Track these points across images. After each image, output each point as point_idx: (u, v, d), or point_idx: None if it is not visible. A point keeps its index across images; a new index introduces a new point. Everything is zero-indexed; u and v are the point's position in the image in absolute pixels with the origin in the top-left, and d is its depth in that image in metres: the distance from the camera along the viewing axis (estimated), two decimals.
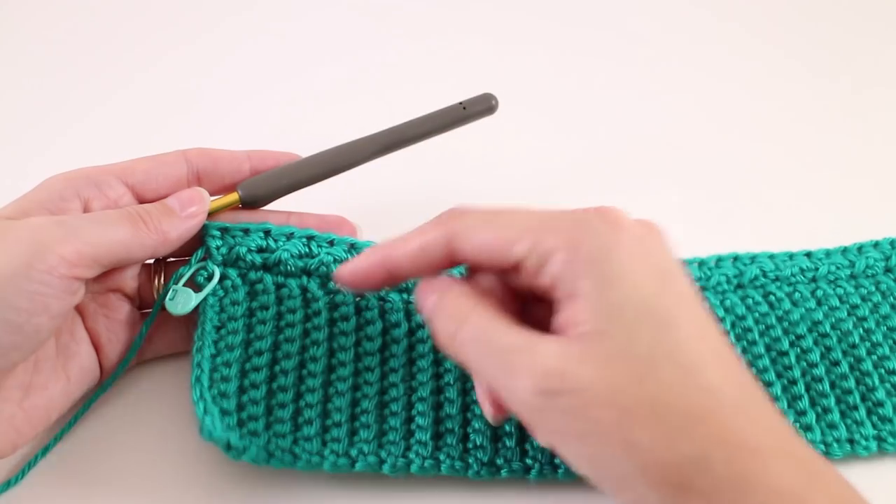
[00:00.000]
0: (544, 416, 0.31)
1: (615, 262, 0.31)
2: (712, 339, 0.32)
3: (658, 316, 0.31)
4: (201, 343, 0.39)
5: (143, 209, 0.39)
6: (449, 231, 0.34)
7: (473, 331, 0.32)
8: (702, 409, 0.29)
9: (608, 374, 0.29)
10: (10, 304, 0.34)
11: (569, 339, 0.31)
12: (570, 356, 0.30)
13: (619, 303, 0.30)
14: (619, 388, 0.29)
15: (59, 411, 0.39)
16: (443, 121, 0.45)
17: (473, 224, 0.34)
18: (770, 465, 0.29)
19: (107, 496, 0.38)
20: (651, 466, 0.29)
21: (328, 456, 0.37)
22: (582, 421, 0.30)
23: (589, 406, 0.29)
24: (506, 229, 0.33)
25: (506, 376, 0.31)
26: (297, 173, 0.43)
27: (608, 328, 0.30)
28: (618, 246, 0.31)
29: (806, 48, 0.66)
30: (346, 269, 0.37)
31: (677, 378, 0.30)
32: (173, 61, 0.63)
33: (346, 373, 0.40)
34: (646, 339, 0.30)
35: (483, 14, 0.69)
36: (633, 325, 0.30)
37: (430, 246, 0.35)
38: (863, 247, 0.46)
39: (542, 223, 0.33)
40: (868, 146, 0.57)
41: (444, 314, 0.34)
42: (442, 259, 0.35)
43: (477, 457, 0.38)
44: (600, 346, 0.30)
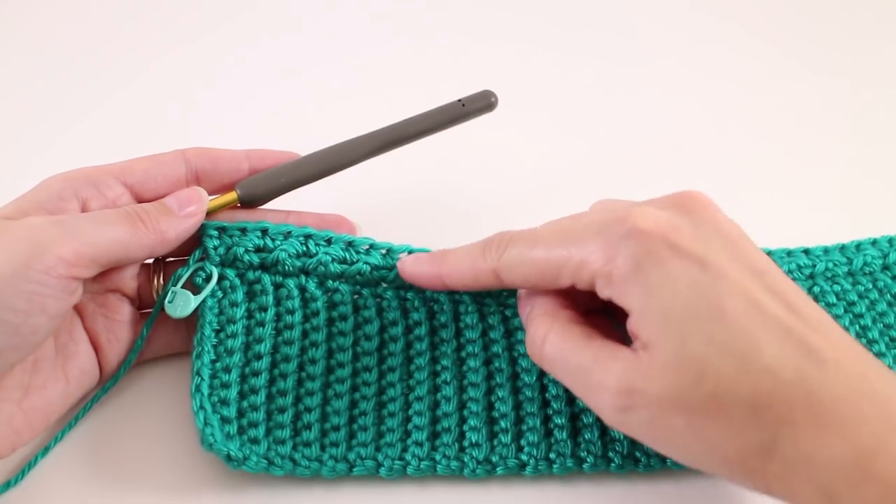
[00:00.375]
0: (629, 427, 0.33)
1: (649, 273, 0.32)
2: (764, 312, 0.31)
3: (705, 311, 0.31)
4: (200, 349, 0.39)
5: (141, 209, 0.39)
6: (495, 267, 0.37)
7: (554, 347, 0.35)
8: (762, 395, 0.30)
9: (669, 381, 0.31)
10: (7, 305, 0.34)
11: (634, 354, 0.32)
12: (634, 372, 0.32)
13: (663, 311, 0.31)
14: (682, 394, 0.31)
15: (59, 412, 0.39)
16: (442, 118, 0.45)
17: (515, 265, 0.36)
18: (834, 435, 0.29)
19: (107, 496, 0.38)
20: (729, 458, 0.31)
21: (327, 461, 0.38)
22: (660, 430, 0.32)
23: (661, 415, 0.31)
24: (545, 266, 0.35)
25: (587, 394, 0.34)
26: (296, 172, 0.43)
27: (660, 337, 0.31)
28: (648, 255, 0.32)
29: (805, 48, 0.66)
30: (408, 268, 0.41)
31: (734, 369, 0.30)
32: (172, 62, 0.63)
33: (345, 374, 0.40)
34: (697, 339, 0.31)
35: (482, 12, 0.69)
36: (682, 329, 0.31)
37: (480, 277, 0.38)
38: (861, 244, 0.46)
39: (575, 249, 0.34)
40: (866, 145, 0.57)
41: (533, 327, 0.36)
42: (495, 286, 0.38)
43: (473, 455, 0.38)
44: (657, 357, 0.31)
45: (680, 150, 0.57)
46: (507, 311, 0.43)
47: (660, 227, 0.33)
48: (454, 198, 0.52)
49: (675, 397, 0.31)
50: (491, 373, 0.41)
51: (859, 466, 0.29)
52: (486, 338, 0.42)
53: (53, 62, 0.63)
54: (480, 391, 0.40)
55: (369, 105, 0.58)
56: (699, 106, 0.61)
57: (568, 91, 0.62)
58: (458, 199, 0.52)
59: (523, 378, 0.41)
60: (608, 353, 0.33)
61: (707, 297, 0.31)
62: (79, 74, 0.62)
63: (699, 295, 0.31)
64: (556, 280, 0.35)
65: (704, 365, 0.30)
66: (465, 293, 0.43)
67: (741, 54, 0.65)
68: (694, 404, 0.30)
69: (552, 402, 0.40)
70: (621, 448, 0.38)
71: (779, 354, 0.30)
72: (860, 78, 0.63)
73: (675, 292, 0.31)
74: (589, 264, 0.33)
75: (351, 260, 0.42)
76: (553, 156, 0.56)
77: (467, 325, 0.42)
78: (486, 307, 0.43)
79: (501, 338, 0.42)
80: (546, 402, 0.40)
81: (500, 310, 0.43)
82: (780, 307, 0.32)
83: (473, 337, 0.42)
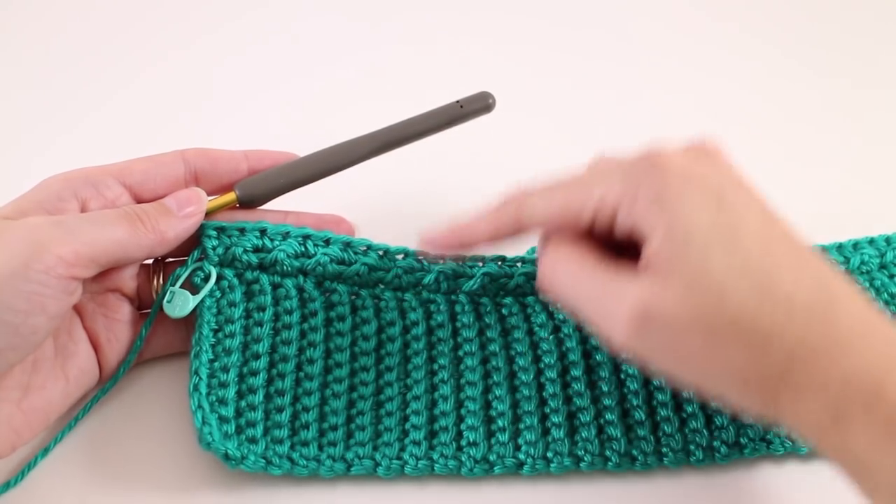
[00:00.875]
0: (642, 350, 0.33)
1: (671, 200, 0.33)
2: (781, 243, 0.33)
3: (724, 237, 0.32)
4: (199, 348, 0.39)
5: (140, 209, 0.39)
6: (517, 218, 0.38)
7: (567, 277, 0.36)
8: (779, 320, 0.31)
9: (689, 303, 0.31)
10: (6, 305, 0.34)
11: (650, 277, 0.33)
12: (652, 293, 0.32)
13: (685, 234, 0.32)
14: (701, 315, 0.31)
15: (58, 412, 0.39)
16: (440, 119, 0.45)
17: (536, 208, 0.37)
18: (848, 358, 0.30)
19: (106, 496, 0.38)
20: (745, 380, 0.31)
21: (325, 461, 0.38)
22: (676, 350, 0.32)
23: (678, 336, 0.32)
24: (568, 202, 0.36)
25: (601, 318, 0.34)
26: (295, 172, 0.43)
27: (680, 259, 0.32)
28: (670, 184, 0.33)
29: (805, 48, 0.66)
30: (429, 245, 0.41)
31: (752, 294, 0.31)
32: (172, 62, 0.63)
33: (343, 373, 0.40)
34: (716, 262, 0.31)
35: (480, 14, 0.69)
36: (702, 253, 0.32)
37: (502, 230, 0.38)
38: (858, 243, 0.46)
39: (597, 184, 0.35)
40: (864, 145, 0.57)
41: (543, 263, 0.37)
42: (516, 235, 0.38)
43: (470, 454, 0.38)
44: (677, 278, 0.32)
45: None
46: (503, 310, 0.43)
47: (680, 162, 0.34)
48: (452, 199, 0.52)
49: (695, 319, 0.31)
50: (488, 372, 0.41)
51: (871, 389, 0.29)
52: (482, 337, 0.42)
53: (53, 63, 0.63)
54: (478, 390, 0.40)
55: (368, 106, 0.58)
56: (698, 106, 0.61)
57: (566, 92, 0.62)
58: (457, 200, 0.52)
59: (520, 377, 0.41)
60: (625, 278, 0.33)
61: (726, 226, 0.32)
62: (79, 75, 0.62)
63: (718, 224, 0.32)
64: (578, 214, 0.35)
65: (724, 288, 0.31)
66: (462, 293, 0.43)
67: (741, 55, 0.65)
68: (713, 326, 0.31)
69: (549, 401, 0.40)
70: (618, 447, 0.39)
71: (795, 284, 0.31)
72: (860, 77, 0.63)
73: (696, 220, 0.32)
74: (613, 195, 0.34)
75: (349, 260, 0.43)
76: (551, 157, 0.56)
77: (464, 324, 0.42)
78: (482, 306, 0.43)
79: (498, 336, 0.42)
80: (543, 400, 0.40)
81: (497, 309, 0.43)
82: (793, 245, 0.33)
83: (470, 336, 0.42)
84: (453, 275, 0.43)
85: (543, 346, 0.42)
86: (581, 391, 0.40)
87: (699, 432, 0.39)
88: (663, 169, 0.34)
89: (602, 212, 0.35)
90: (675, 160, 0.34)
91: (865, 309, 0.32)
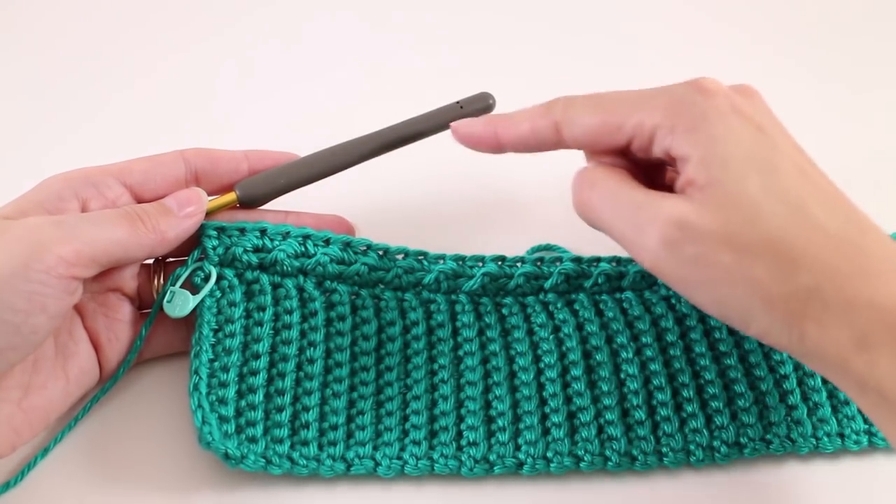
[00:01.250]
0: (671, 266, 0.34)
1: (713, 123, 0.34)
2: (814, 179, 0.34)
3: (761, 163, 0.33)
4: (199, 348, 0.40)
5: (140, 209, 0.39)
6: (556, 121, 0.38)
7: (605, 191, 0.36)
8: (811, 243, 0.32)
9: (724, 219, 0.32)
10: (7, 305, 0.34)
11: (687, 194, 0.34)
12: (689, 208, 0.33)
13: (724, 156, 0.33)
14: (735, 232, 0.32)
15: (59, 412, 0.39)
16: (440, 120, 0.45)
17: (579, 114, 0.37)
18: (877, 285, 0.32)
19: (106, 496, 0.38)
20: (772, 299, 0.32)
21: (325, 460, 0.38)
22: (705, 265, 0.33)
23: (710, 251, 0.32)
24: (609, 115, 0.36)
25: (633, 231, 0.34)
26: (295, 173, 0.43)
27: (718, 178, 0.33)
28: (714, 109, 0.34)
29: (805, 47, 0.66)
30: (462, 128, 0.41)
31: (786, 217, 0.32)
32: (173, 64, 0.63)
33: (343, 373, 0.40)
34: (753, 184, 0.32)
35: (480, 15, 0.69)
36: (740, 174, 0.33)
37: (539, 132, 0.38)
38: None
39: (640, 105, 0.36)
40: (864, 144, 0.57)
41: (580, 181, 0.37)
42: (550, 144, 0.38)
43: (470, 454, 0.38)
44: (714, 195, 0.33)
45: None
46: (503, 310, 0.43)
47: (724, 91, 0.35)
48: (452, 199, 0.52)
49: (729, 234, 0.32)
50: (488, 371, 0.41)
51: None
52: (482, 337, 0.42)
53: (54, 63, 0.63)
54: (478, 390, 0.40)
55: (368, 107, 0.58)
56: None
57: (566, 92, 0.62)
58: (456, 201, 0.52)
59: (520, 377, 0.41)
60: (660, 194, 0.34)
61: (764, 153, 0.33)
62: (80, 75, 0.62)
63: (757, 150, 0.33)
64: (617, 132, 0.36)
65: (760, 208, 0.32)
66: (462, 293, 0.43)
67: (740, 57, 0.65)
68: (746, 243, 0.32)
69: (549, 401, 0.40)
70: (618, 446, 0.39)
71: (827, 214, 0.33)
72: (859, 78, 0.63)
73: (737, 143, 0.33)
74: (653, 116, 0.35)
75: (349, 260, 0.43)
76: (551, 157, 0.56)
77: (464, 324, 0.42)
78: (482, 306, 0.43)
79: (498, 336, 0.42)
80: (543, 400, 0.40)
81: (497, 309, 0.43)
82: (824, 181, 0.34)
83: (470, 336, 0.42)
84: (453, 275, 0.43)
85: (543, 346, 0.42)
86: (581, 391, 0.40)
87: (699, 432, 0.39)
88: (708, 94, 0.34)
89: (641, 130, 0.35)
90: (720, 90, 0.35)
91: (892, 244, 0.33)
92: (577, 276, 0.44)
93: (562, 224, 0.45)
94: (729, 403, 0.40)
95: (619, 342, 0.42)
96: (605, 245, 0.44)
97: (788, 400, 0.40)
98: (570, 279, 0.44)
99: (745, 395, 0.40)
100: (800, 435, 0.39)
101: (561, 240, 0.47)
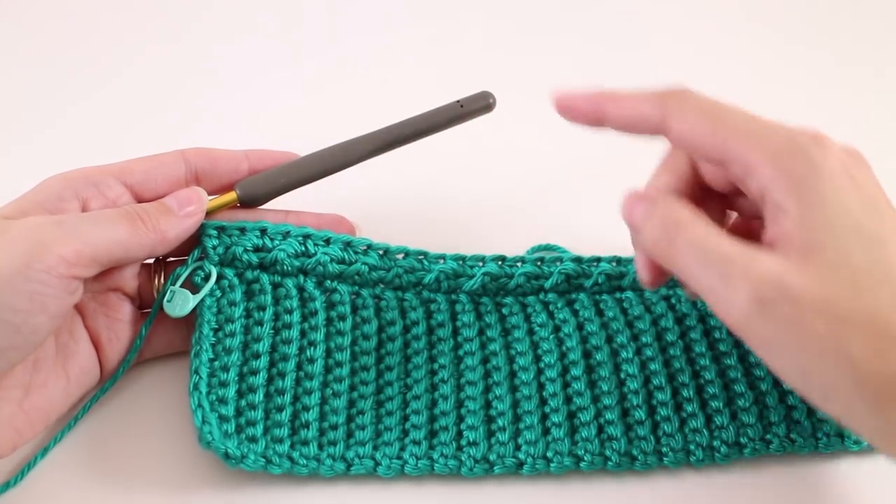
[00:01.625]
0: (758, 326, 0.31)
1: (823, 182, 0.32)
2: None
3: (869, 235, 0.31)
4: (199, 347, 0.40)
5: (140, 208, 0.39)
6: (667, 111, 0.35)
7: (691, 239, 0.33)
8: None
9: (824, 285, 0.30)
10: (8, 304, 0.34)
11: (785, 252, 0.32)
12: (786, 268, 0.31)
13: (830, 220, 0.31)
14: (835, 300, 0.30)
15: (59, 411, 0.39)
16: (440, 119, 0.45)
17: (691, 113, 0.35)
18: None
19: (106, 496, 0.38)
20: (864, 378, 0.30)
21: (325, 460, 0.38)
22: (796, 331, 0.30)
23: (804, 316, 0.30)
24: (720, 129, 0.34)
25: (721, 284, 0.32)
26: (295, 172, 0.43)
27: (822, 243, 0.31)
28: (827, 168, 0.32)
29: (804, 48, 0.66)
30: (565, 99, 0.38)
31: (892, 295, 0.30)
32: (173, 64, 0.63)
33: (343, 373, 0.40)
34: (859, 255, 0.31)
35: (481, 13, 0.69)
36: (846, 242, 0.31)
37: (644, 115, 0.36)
38: None
39: (755, 133, 0.33)
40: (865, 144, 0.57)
41: (660, 222, 0.35)
42: (650, 130, 0.36)
43: (470, 454, 0.38)
44: (815, 260, 0.31)
45: None
46: (503, 310, 0.43)
47: (839, 150, 0.33)
48: (452, 198, 0.52)
49: (827, 301, 0.30)
50: (488, 371, 0.41)
51: None
52: (483, 336, 0.42)
53: (54, 63, 0.63)
54: (478, 390, 0.40)
55: (368, 106, 0.58)
56: None
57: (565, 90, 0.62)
58: (457, 200, 0.52)
59: (520, 376, 0.41)
60: (755, 248, 0.32)
61: (873, 226, 0.32)
62: (79, 75, 0.62)
63: (865, 221, 0.32)
64: (720, 147, 0.34)
65: (864, 279, 0.30)
66: (463, 293, 0.43)
67: (740, 53, 0.65)
68: (845, 314, 0.30)
69: (549, 401, 0.40)
70: (618, 446, 0.39)
71: None
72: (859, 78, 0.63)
73: (845, 210, 0.32)
74: (765, 150, 0.33)
75: (349, 260, 0.43)
76: (552, 156, 0.56)
77: (464, 323, 0.42)
78: (482, 306, 0.43)
79: (498, 336, 0.42)
80: (543, 400, 0.40)
81: (497, 308, 0.43)
82: None
83: (470, 336, 0.42)
84: (454, 274, 0.43)
85: (543, 345, 0.42)
86: (581, 391, 0.40)
87: (699, 432, 0.39)
88: (825, 150, 0.33)
89: (746, 159, 0.33)
90: (836, 148, 0.33)
91: None
92: (578, 275, 0.44)
93: (562, 224, 0.45)
94: (729, 403, 0.40)
95: (620, 342, 0.42)
96: (605, 245, 0.44)
97: (788, 400, 0.40)
98: (571, 279, 0.44)
99: (745, 395, 0.40)
100: (799, 435, 0.39)
101: (561, 240, 0.47)
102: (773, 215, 0.33)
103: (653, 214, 0.35)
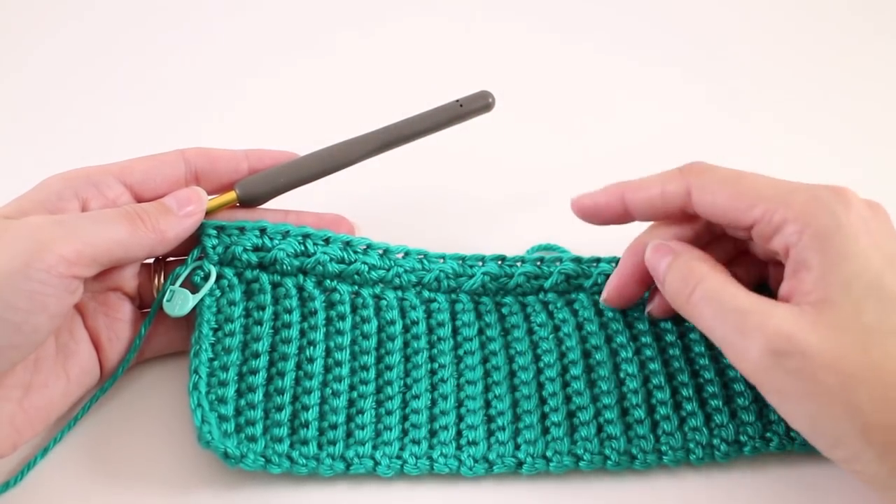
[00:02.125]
0: (771, 376, 0.33)
1: (845, 239, 0.33)
2: None
3: (885, 293, 0.33)
4: (198, 347, 0.40)
5: (140, 208, 0.39)
6: (690, 185, 0.37)
7: (708, 291, 0.35)
8: None
9: (835, 341, 0.32)
10: (8, 304, 0.34)
11: (799, 306, 0.33)
12: (800, 322, 0.32)
13: (848, 277, 0.33)
14: (845, 355, 0.32)
15: (59, 411, 0.39)
16: (440, 118, 0.45)
17: (714, 183, 0.37)
18: None
19: (106, 495, 0.38)
20: (870, 427, 0.31)
21: (324, 460, 0.38)
22: (807, 382, 0.32)
23: (815, 369, 0.32)
24: (744, 194, 0.36)
25: (737, 336, 0.34)
26: (295, 172, 0.43)
27: (837, 299, 0.32)
28: (848, 225, 0.34)
29: (803, 47, 0.66)
30: (584, 200, 0.40)
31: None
32: (173, 63, 0.63)
33: (343, 372, 0.40)
34: (873, 312, 0.32)
35: (481, 13, 0.69)
36: (861, 299, 0.32)
37: (669, 195, 0.38)
38: None
39: (778, 193, 0.35)
40: (865, 144, 0.57)
41: (680, 274, 0.37)
42: (676, 209, 0.38)
43: (470, 453, 0.38)
44: (829, 315, 0.32)
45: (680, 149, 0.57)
46: (503, 310, 0.43)
47: (861, 206, 0.35)
48: (452, 197, 0.52)
49: (839, 356, 0.31)
50: (488, 371, 0.41)
51: None
52: (482, 336, 0.42)
53: (54, 63, 0.63)
54: (477, 389, 0.40)
55: (368, 105, 0.58)
56: (697, 106, 0.61)
57: (566, 91, 0.62)
58: (456, 199, 0.52)
59: (520, 376, 0.41)
60: (769, 302, 0.34)
61: (888, 284, 0.33)
62: (79, 76, 0.62)
63: (885, 281, 0.33)
64: (746, 212, 0.35)
65: (875, 337, 0.32)
66: (463, 292, 0.43)
67: (739, 53, 0.65)
68: (855, 368, 0.31)
69: (549, 400, 0.40)
70: (618, 445, 0.39)
71: None
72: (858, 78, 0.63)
73: (865, 268, 0.33)
74: (788, 209, 0.34)
75: (349, 260, 0.43)
76: (551, 156, 0.56)
77: (464, 323, 0.42)
78: (482, 306, 0.43)
79: (498, 336, 0.42)
80: (543, 399, 0.40)
81: (497, 308, 0.43)
82: None
83: (470, 335, 0.42)
84: (454, 274, 0.43)
85: (543, 345, 0.42)
86: (580, 390, 0.40)
87: (699, 430, 0.39)
88: (848, 206, 0.34)
89: (770, 219, 0.35)
90: (858, 203, 0.35)
91: None
92: (577, 275, 0.44)
93: (562, 224, 0.45)
94: (728, 402, 0.40)
95: (619, 342, 0.42)
96: (605, 245, 0.44)
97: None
98: (570, 279, 0.44)
99: (745, 394, 0.40)
100: (790, 439, 0.39)
101: (561, 240, 0.47)
102: (794, 270, 0.34)
103: (673, 266, 0.37)
